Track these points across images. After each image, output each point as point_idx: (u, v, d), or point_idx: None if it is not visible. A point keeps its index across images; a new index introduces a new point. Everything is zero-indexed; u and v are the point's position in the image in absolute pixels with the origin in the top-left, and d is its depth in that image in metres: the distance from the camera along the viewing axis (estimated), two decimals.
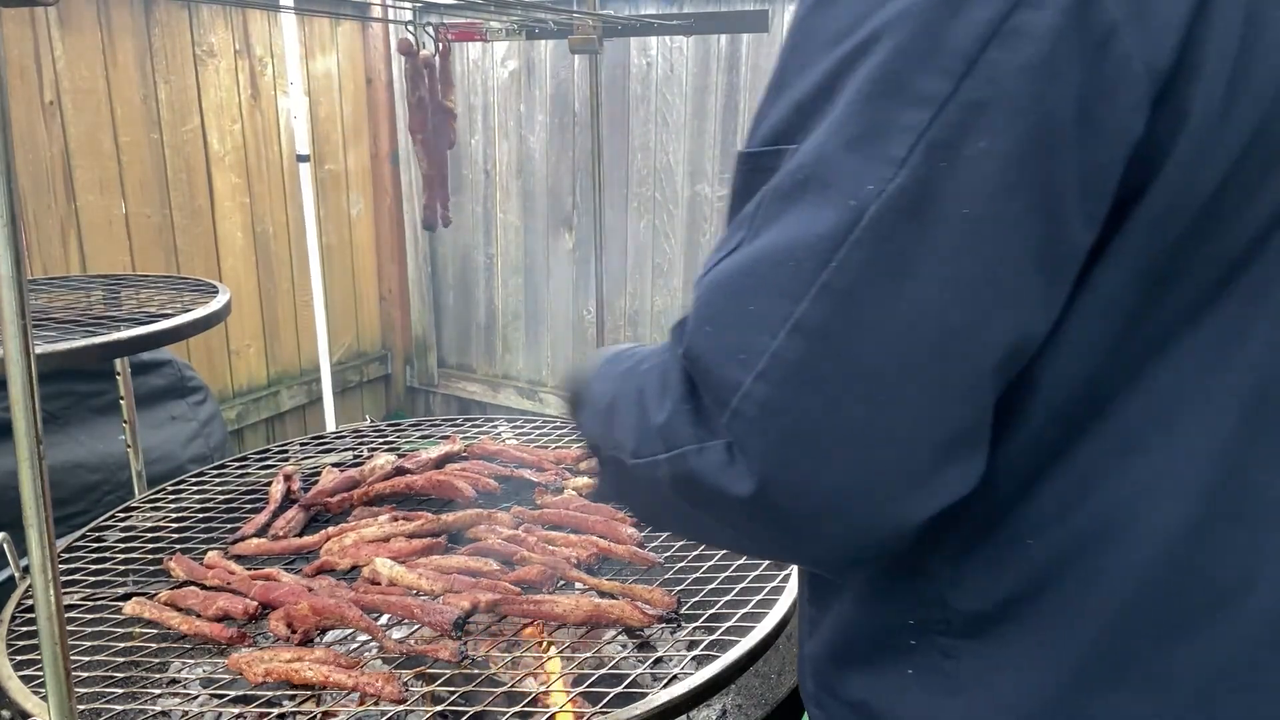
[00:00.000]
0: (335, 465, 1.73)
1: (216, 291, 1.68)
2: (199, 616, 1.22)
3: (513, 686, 1.07)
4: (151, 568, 1.40)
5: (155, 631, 1.23)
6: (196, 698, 1.13)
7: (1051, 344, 0.62)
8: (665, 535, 1.43)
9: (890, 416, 0.59)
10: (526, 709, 1.02)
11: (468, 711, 1.03)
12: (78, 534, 1.50)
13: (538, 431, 1.91)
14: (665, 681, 1.04)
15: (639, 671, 1.09)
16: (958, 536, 0.70)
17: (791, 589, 1.22)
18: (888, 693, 0.76)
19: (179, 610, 1.24)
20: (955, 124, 0.55)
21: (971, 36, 0.54)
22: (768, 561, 1.31)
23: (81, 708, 1.04)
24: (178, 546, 1.47)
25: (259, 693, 1.08)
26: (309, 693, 1.08)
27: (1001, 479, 0.67)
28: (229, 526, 1.55)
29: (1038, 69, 0.54)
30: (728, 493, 0.62)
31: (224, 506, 1.62)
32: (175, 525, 1.54)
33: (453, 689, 1.07)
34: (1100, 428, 0.65)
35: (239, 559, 1.42)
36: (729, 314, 0.61)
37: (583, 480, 1.60)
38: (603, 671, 1.11)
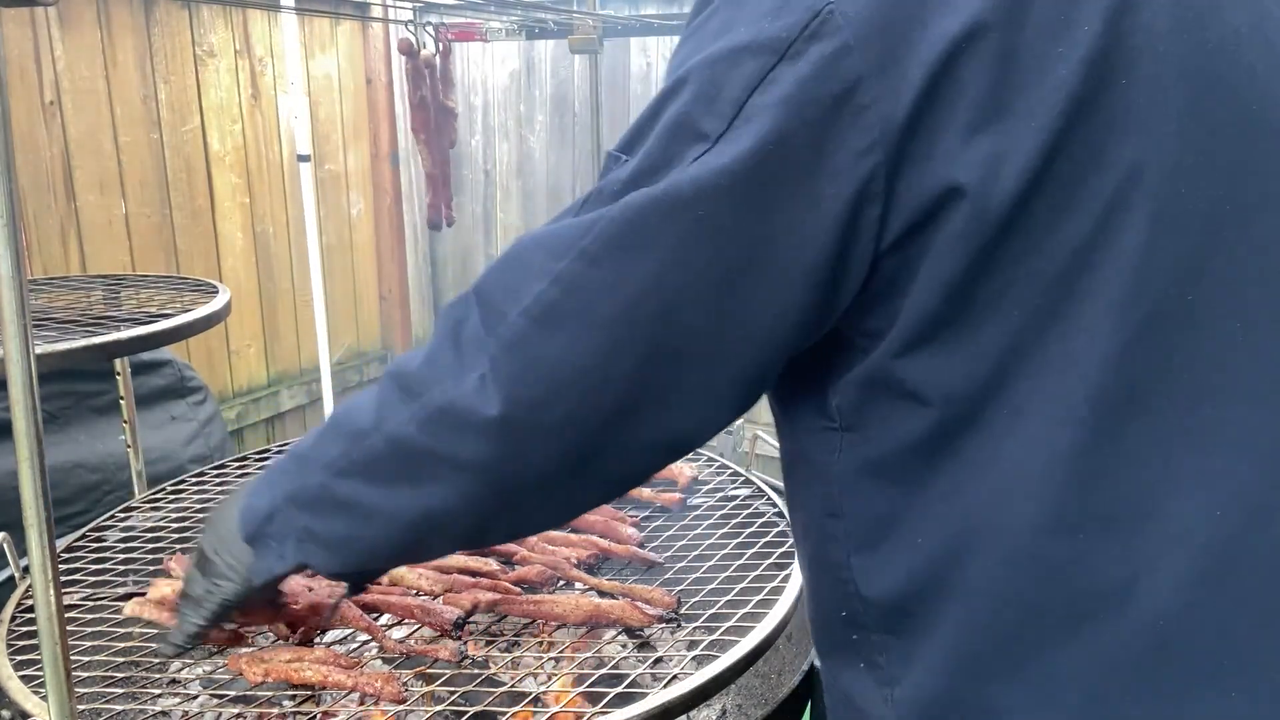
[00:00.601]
0: None
1: (216, 291, 1.68)
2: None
3: (513, 686, 1.07)
4: (151, 568, 1.40)
5: (155, 631, 1.23)
6: (196, 698, 1.13)
7: (907, 361, 0.70)
8: (665, 535, 1.43)
9: (614, 360, 0.71)
10: (526, 709, 1.02)
11: (468, 711, 1.03)
12: (78, 534, 1.50)
13: None
14: (665, 681, 1.04)
15: (639, 671, 1.09)
16: (861, 530, 0.77)
17: (792, 589, 1.22)
18: (854, 685, 0.82)
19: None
20: (718, 153, 0.67)
21: (741, 85, 0.67)
22: (767, 566, 1.31)
23: (81, 708, 1.04)
24: (178, 546, 1.47)
25: (259, 693, 1.08)
26: (309, 693, 1.08)
27: (895, 478, 0.74)
28: None
29: (783, 107, 0.65)
30: (478, 414, 0.73)
31: None
32: (175, 525, 1.54)
33: (453, 689, 1.07)
34: (971, 432, 0.71)
35: None
36: (516, 263, 0.75)
37: None
38: (603, 671, 1.11)
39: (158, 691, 1.12)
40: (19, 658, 1.14)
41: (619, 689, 1.04)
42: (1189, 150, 0.66)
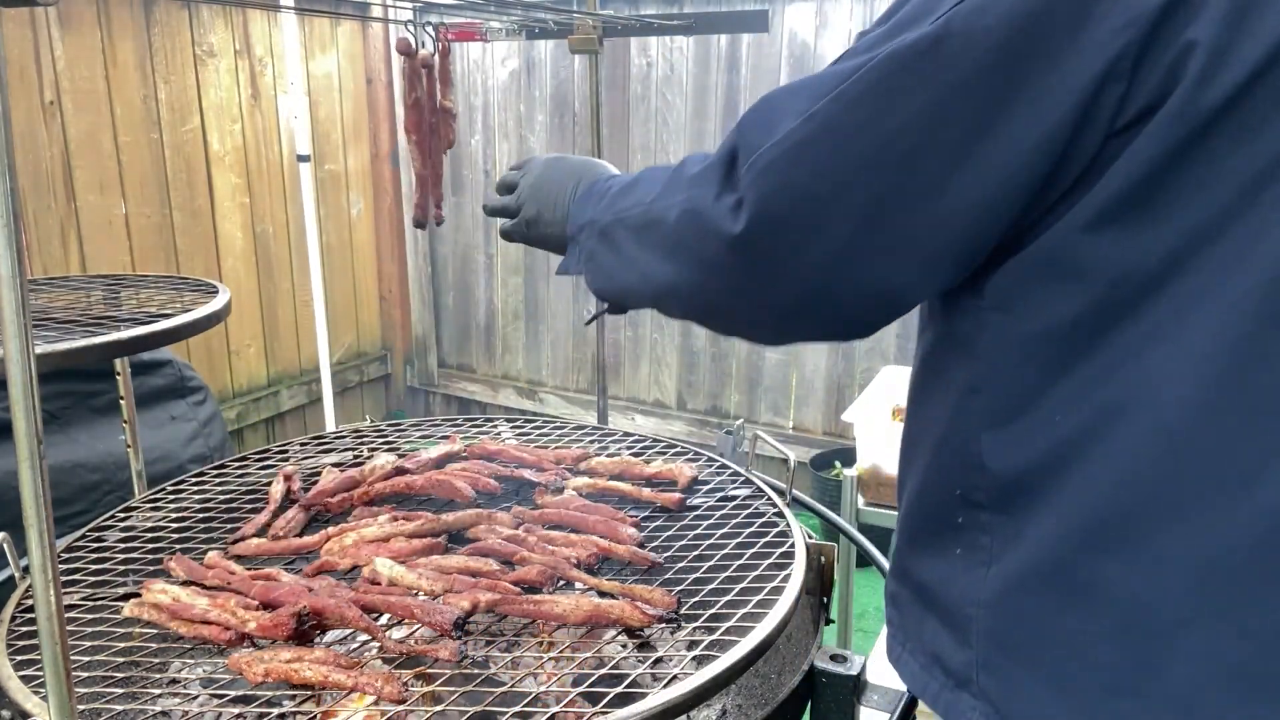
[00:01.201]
0: (335, 465, 1.73)
1: (216, 291, 1.68)
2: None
3: (513, 686, 1.07)
4: (151, 568, 1.40)
5: (155, 631, 1.23)
6: (196, 698, 1.13)
7: (1088, 238, 0.73)
8: (665, 535, 1.43)
9: (853, 200, 0.76)
10: (527, 709, 1.02)
11: (468, 711, 1.03)
12: (78, 534, 1.50)
13: (538, 431, 1.91)
14: (665, 681, 1.04)
15: (639, 671, 1.09)
16: (999, 405, 0.81)
17: (792, 590, 1.22)
18: (942, 571, 0.88)
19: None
20: (974, 6, 0.70)
21: None
22: (767, 566, 1.31)
23: (81, 708, 1.04)
24: (178, 546, 1.47)
25: (259, 693, 1.08)
26: (309, 693, 1.08)
27: (1040, 352, 0.78)
28: (229, 526, 1.55)
29: None
30: (722, 229, 0.81)
31: (224, 506, 1.62)
32: (175, 525, 1.54)
33: (453, 689, 1.07)
34: (1128, 318, 0.74)
35: (239, 559, 1.42)
36: (775, 104, 0.81)
37: (583, 480, 1.60)
38: (603, 671, 1.11)
39: (158, 691, 1.12)
40: (19, 658, 1.14)
41: (619, 689, 1.04)
42: None
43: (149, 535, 1.50)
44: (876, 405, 2.60)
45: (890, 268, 0.79)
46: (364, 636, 1.19)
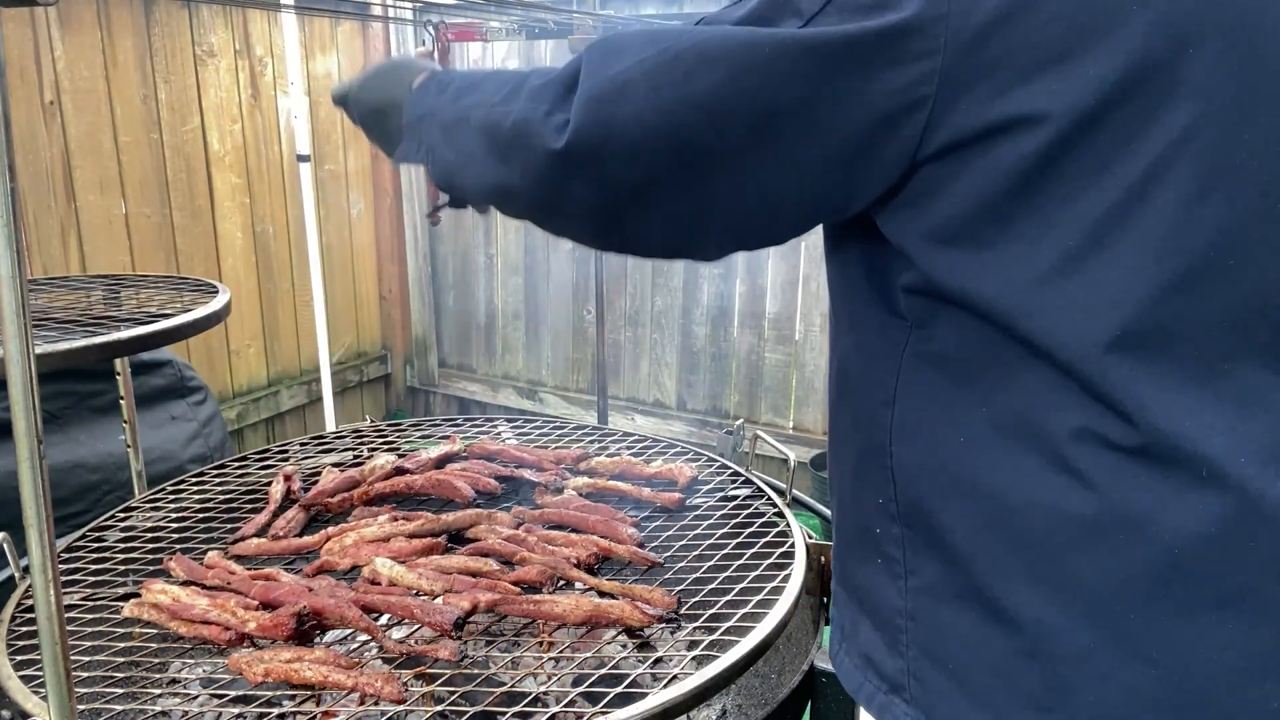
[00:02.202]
0: (335, 465, 1.73)
1: (216, 291, 1.68)
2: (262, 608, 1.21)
3: (513, 686, 1.07)
4: (151, 568, 1.40)
5: (155, 631, 1.23)
6: (196, 698, 1.13)
7: (955, 260, 0.75)
8: (665, 535, 1.43)
9: (658, 148, 0.80)
10: (527, 709, 1.02)
11: (468, 711, 1.03)
12: (78, 534, 1.50)
13: (538, 431, 1.91)
14: (665, 681, 1.04)
15: (639, 671, 1.09)
16: (907, 421, 0.83)
17: (792, 589, 1.22)
18: (869, 576, 0.90)
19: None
20: (804, 35, 0.74)
21: None
22: (767, 566, 1.31)
23: (81, 708, 1.04)
24: (178, 546, 1.47)
25: (259, 693, 1.08)
26: (309, 693, 1.08)
27: (946, 375, 0.79)
28: (229, 526, 1.55)
29: (862, 12, 0.72)
30: (545, 143, 0.85)
31: (224, 506, 1.62)
32: (175, 525, 1.54)
33: (453, 689, 1.07)
34: (1004, 346, 0.76)
35: (239, 559, 1.42)
36: (625, 41, 0.84)
37: (583, 480, 1.60)
38: (603, 671, 1.11)
39: (158, 691, 1.12)
40: (19, 658, 1.14)
41: (619, 689, 1.04)
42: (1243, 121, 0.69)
43: (149, 535, 1.50)
44: None
45: (678, 219, 0.84)
46: (364, 636, 1.19)
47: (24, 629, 1.22)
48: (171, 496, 1.64)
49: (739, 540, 1.39)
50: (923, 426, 0.82)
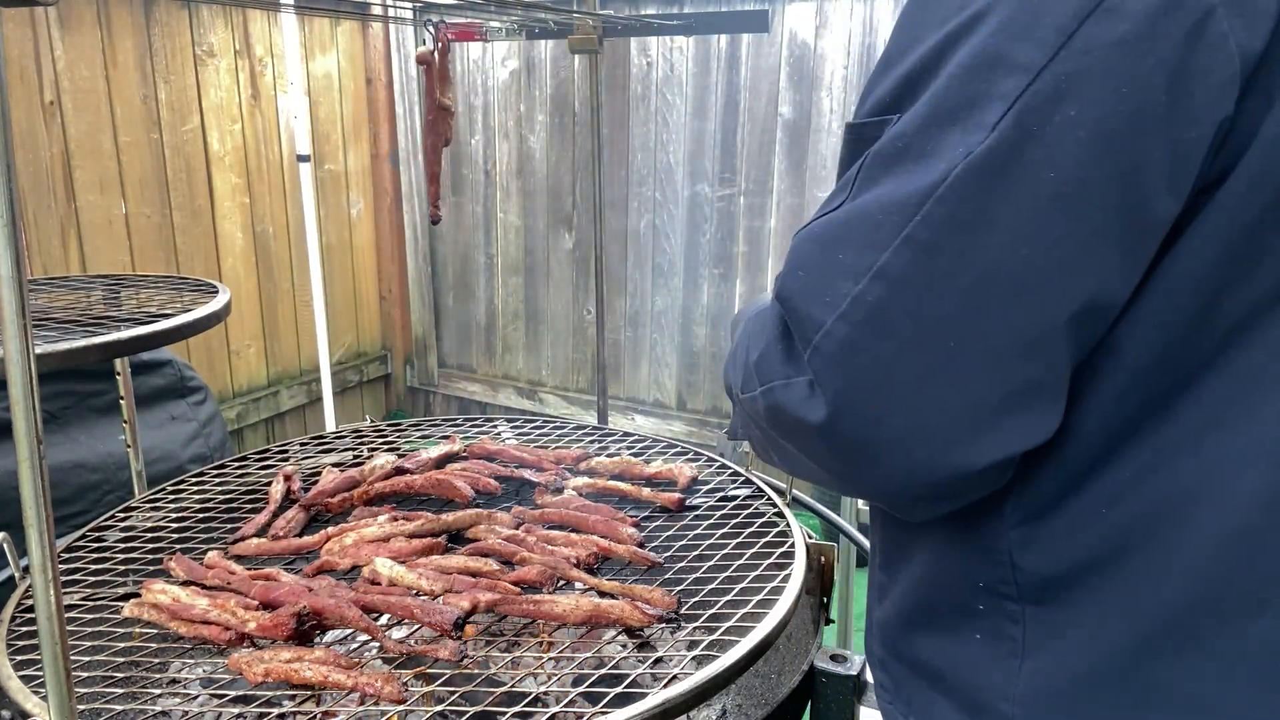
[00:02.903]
0: (335, 465, 1.73)
1: (216, 291, 1.68)
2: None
3: (513, 686, 1.07)
4: (151, 568, 1.40)
5: (155, 631, 1.23)
6: (196, 698, 1.13)
7: (1136, 314, 0.65)
8: (665, 535, 1.43)
9: (958, 363, 0.63)
10: (527, 709, 1.02)
11: (468, 711, 1.03)
12: (78, 534, 1.50)
13: (538, 431, 1.91)
14: (665, 681, 1.04)
15: (639, 671, 1.09)
16: (1032, 500, 0.72)
17: (792, 590, 1.22)
18: (953, 655, 0.80)
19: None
20: (1048, 92, 0.58)
21: (1069, 14, 0.58)
22: (767, 566, 1.31)
23: (81, 708, 1.04)
24: (178, 546, 1.47)
25: (259, 693, 1.08)
26: (309, 693, 1.08)
27: (1081, 446, 0.69)
28: (229, 526, 1.55)
29: (1131, 45, 0.57)
30: (805, 421, 0.69)
31: (224, 506, 1.62)
32: (175, 525, 1.54)
33: (453, 689, 1.07)
34: (1183, 401, 0.66)
35: (239, 559, 1.42)
36: (820, 262, 0.68)
37: (583, 480, 1.60)
38: (603, 671, 1.11)
39: (158, 691, 1.12)
40: (19, 658, 1.14)
41: (619, 689, 1.04)
42: None
43: (149, 535, 1.50)
44: None
45: (1018, 418, 0.66)
46: (364, 636, 1.19)
47: (24, 629, 1.22)
48: (171, 496, 1.64)
49: (739, 540, 1.39)
50: (1055, 505, 0.72)
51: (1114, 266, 0.62)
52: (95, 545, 1.47)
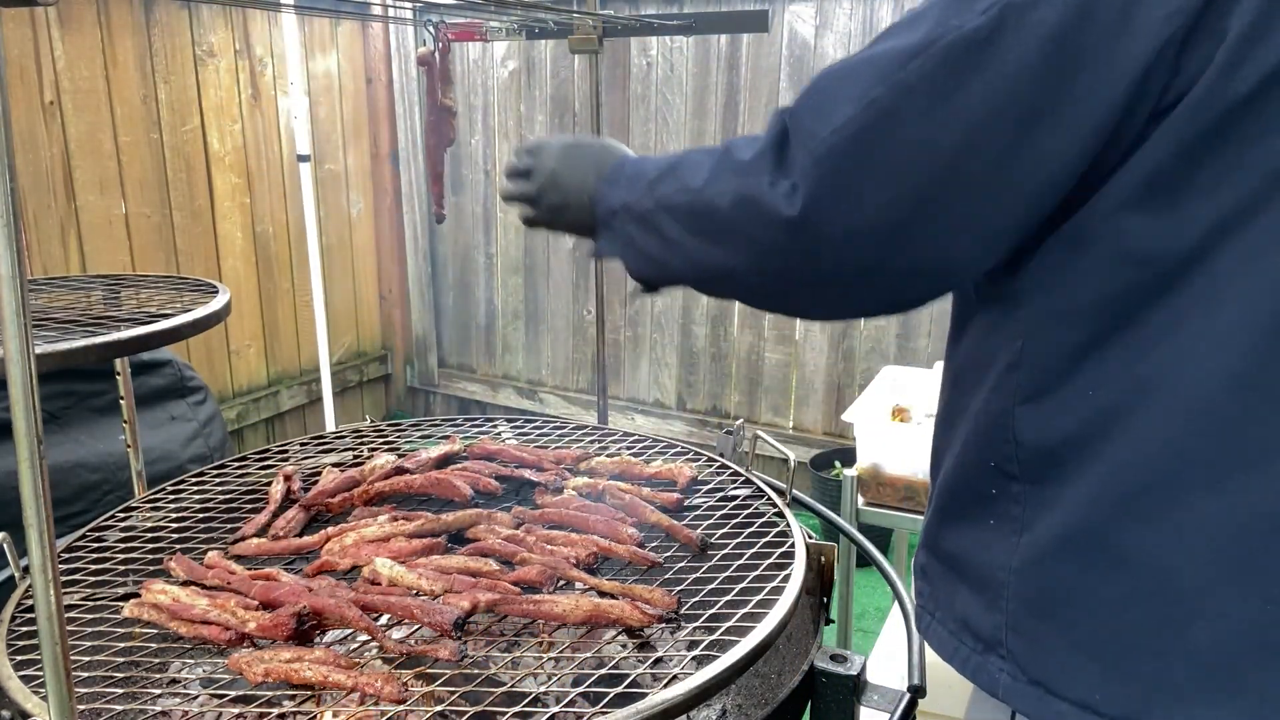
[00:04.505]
0: (335, 465, 1.73)
1: (216, 291, 1.68)
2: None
3: (513, 686, 1.07)
4: (151, 568, 1.40)
5: (155, 631, 1.23)
6: (196, 698, 1.13)
7: (1113, 205, 0.77)
8: (665, 535, 1.43)
9: (915, 183, 0.78)
10: (527, 709, 1.02)
11: (468, 711, 1.03)
12: (78, 534, 1.50)
13: (538, 431, 1.91)
14: (665, 681, 1.04)
15: (639, 671, 1.09)
16: (1034, 379, 0.84)
17: (792, 590, 1.22)
18: (974, 541, 0.92)
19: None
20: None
21: None
22: (767, 566, 1.31)
23: (81, 708, 1.04)
24: (178, 546, 1.47)
25: (259, 693, 1.08)
26: (309, 693, 1.08)
27: (1076, 330, 0.81)
28: (229, 526, 1.55)
29: None
30: (780, 213, 0.83)
31: (224, 506, 1.62)
32: (175, 525, 1.54)
33: (453, 689, 1.07)
34: (1163, 296, 0.77)
35: (239, 559, 1.42)
36: (829, 89, 0.83)
37: (582, 480, 1.60)
38: (603, 671, 1.11)
39: (158, 691, 1.12)
40: (19, 658, 1.14)
41: (619, 689, 1.04)
42: None
43: (149, 535, 1.50)
44: (877, 405, 2.60)
45: (946, 246, 0.82)
46: (364, 636, 1.19)
47: (24, 629, 1.22)
48: (171, 496, 1.64)
49: (739, 540, 1.39)
50: (1052, 384, 0.83)
51: (1052, 146, 0.75)
52: (95, 545, 1.47)
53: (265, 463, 1.78)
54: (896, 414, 2.57)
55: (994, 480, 0.90)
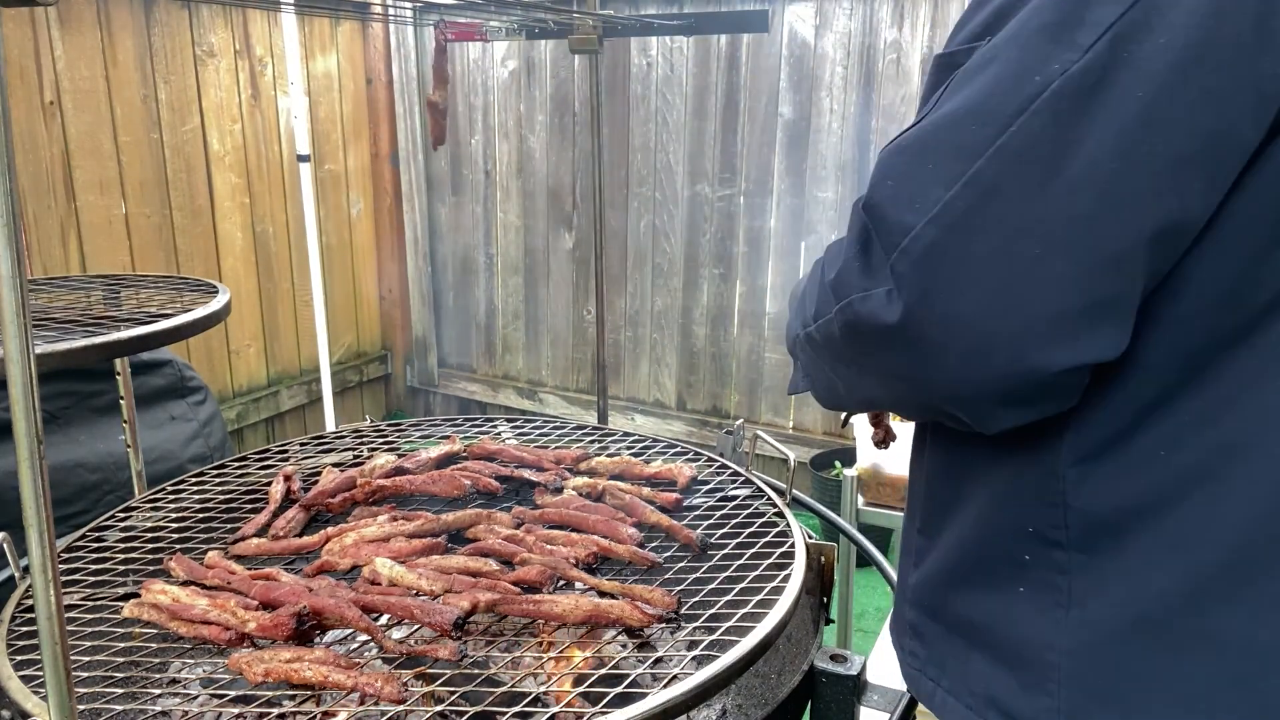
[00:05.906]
0: (335, 465, 1.73)
1: (216, 291, 1.68)
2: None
3: (513, 686, 1.07)
4: (151, 568, 1.40)
5: (155, 631, 1.23)
6: (196, 698, 1.13)
7: (1204, 246, 0.67)
8: (665, 536, 1.43)
9: (1042, 269, 0.65)
10: (527, 709, 1.02)
11: (468, 711, 1.03)
12: (78, 534, 1.50)
13: (538, 431, 1.91)
14: (665, 681, 1.04)
15: (639, 671, 1.09)
16: (1092, 435, 0.74)
17: (792, 590, 1.22)
18: (997, 610, 0.81)
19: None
20: (1140, 21, 0.62)
21: None
22: (767, 566, 1.31)
23: (81, 708, 1.04)
24: (178, 546, 1.47)
25: (259, 693, 1.08)
26: (309, 693, 1.08)
27: (1146, 382, 0.71)
28: (229, 526, 1.55)
29: None
30: (882, 323, 0.71)
31: (224, 506, 1.62)
32: (175, 525, 1.54)
33: (453, 689, 1.07)
34: (1247, 344, 0.68)
35: (239, 559, 1.42)
36: (909, 170, 0.70)
37: (582, 480, 1.60)
38: (603, 671, 1.11)
39: (158, 691, 1.12)
40: (19, 658, 1.14)
41: (619, 689, 1.04)
42: None
43: (149, 535, 1.50)
44: None
45: (1094, 328, 0.67)
46: (364, 636, 1.19)
47: (24, 629, 1.22)
48: (171, 496, 1.64)
49: (739, 540, 1.39)
50: (1113, 444, 0.73)
51: (1195, 189, 0.65)
52: (95, 545, 1.47)
53: (265, 463, 1.78)
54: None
55: (1030, 546, 0.79)
